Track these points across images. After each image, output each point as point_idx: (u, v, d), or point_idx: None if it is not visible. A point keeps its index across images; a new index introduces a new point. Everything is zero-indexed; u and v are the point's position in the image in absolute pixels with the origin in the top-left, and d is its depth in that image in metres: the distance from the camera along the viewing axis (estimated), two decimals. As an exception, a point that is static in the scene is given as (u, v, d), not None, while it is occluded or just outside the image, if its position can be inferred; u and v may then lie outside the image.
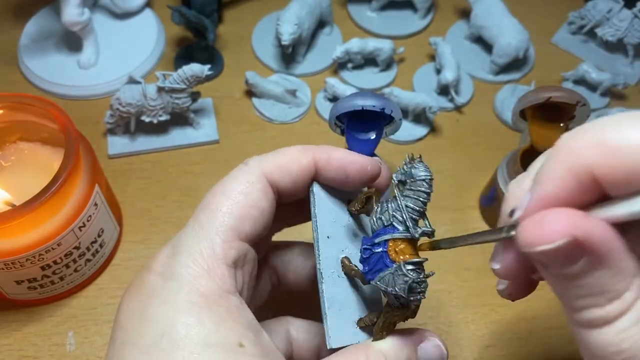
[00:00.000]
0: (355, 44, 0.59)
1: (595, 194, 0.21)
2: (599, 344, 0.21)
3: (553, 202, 0.21)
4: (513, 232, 0.23)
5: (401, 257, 0.27)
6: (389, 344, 0.29)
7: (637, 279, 0.21)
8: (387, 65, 0.61)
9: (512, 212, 0.23)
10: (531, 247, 0.21)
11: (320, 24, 0.64)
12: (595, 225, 0.20)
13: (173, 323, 0.25)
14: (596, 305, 0.21)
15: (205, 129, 0.56)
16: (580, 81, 0.61)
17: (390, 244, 0.28)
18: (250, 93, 0.59)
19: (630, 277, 0.20)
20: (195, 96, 0.54)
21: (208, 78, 0.53)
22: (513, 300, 0.28)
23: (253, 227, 0.29)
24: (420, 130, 0.57)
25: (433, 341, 0.30)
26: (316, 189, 0.31)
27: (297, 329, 0.35)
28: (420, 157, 0.29)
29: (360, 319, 0.31)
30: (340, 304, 0.30)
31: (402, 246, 0.28)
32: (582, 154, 0.20)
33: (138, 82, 0.52)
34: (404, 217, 0.28)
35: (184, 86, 0.51)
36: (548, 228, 0.20)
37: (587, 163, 0.20)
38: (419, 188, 0.28)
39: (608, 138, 0.19)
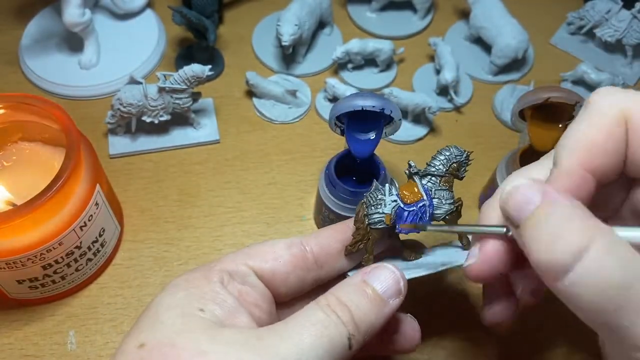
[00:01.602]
0: (355, 45, 0.59)
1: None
2: (575, 286, 0.23)
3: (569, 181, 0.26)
4: (510, 232, 0.27)
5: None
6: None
7: (590, 221, 0.24)
8: (387, 65, 0.62)
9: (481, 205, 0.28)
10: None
11: (321, 25, 0.64)
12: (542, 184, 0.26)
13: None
14: (559, 248, 0.24)
15: (205, 129, 0.56)
16: (579, 82, 0.61)
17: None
18: (251, 93, 0.59)
19: (585, 219, 0.25)
20: (196, 96, 0.54)
21: (209, 78, 0.53)
22: (500, 331, 0.30)
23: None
24: (420, 131, 0.58)
25: (386, 268, 0.32)
26: None
27: None
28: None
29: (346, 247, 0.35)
30: None
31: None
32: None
33: (139, 83, 0.52)
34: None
35: (185, 86, 0.51)
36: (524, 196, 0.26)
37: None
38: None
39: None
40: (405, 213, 0.35)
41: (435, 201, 0.36)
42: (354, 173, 0.48)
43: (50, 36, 0.61)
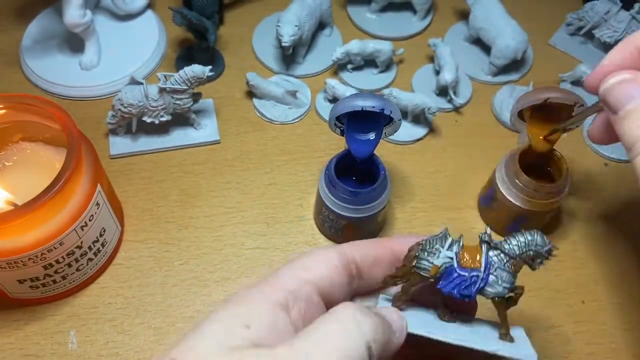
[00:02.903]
0: (355, 46, 0.59)
1: None
2: None
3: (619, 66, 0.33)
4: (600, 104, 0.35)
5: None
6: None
7: None
8: (387, 66, 0.62)
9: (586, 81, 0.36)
10: (614, 80, 0.33)
11: (320, 26, 0.64)
12: None
13: None
14: None
15: (206, 130, 0.56)
16: (578, 82, 0.61)
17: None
18: (251, 94, 0.59)
19: None
20: (196, 97, 0.54)
21: (209, 79, 0.53)
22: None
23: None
24: (420, 131, 0.58)
25: (395, 311, 0.32)
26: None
27: None
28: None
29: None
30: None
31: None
32: None
33: (140, 83, 0.52)
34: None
35: (185, 87, 0.52)
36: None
37: None
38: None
39: None
40: (455, 274, 0.32)
41: (491, 278, 0.33)
42: (354, 173, 0.49)
43: (51, 37, 0.61)
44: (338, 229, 0.49)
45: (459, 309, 0.35)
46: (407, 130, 0.57)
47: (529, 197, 0.47)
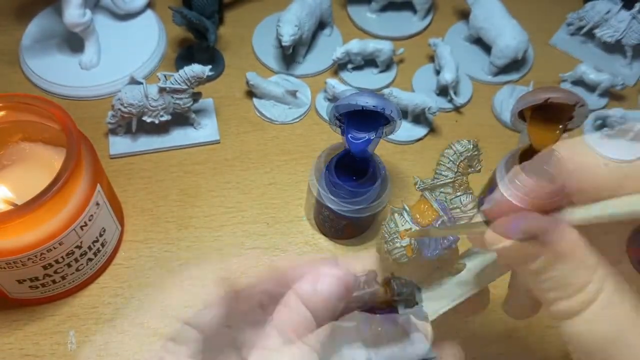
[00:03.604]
0: (355, 45, 0.59)
1: (563, 201, 0.24)
2: (572, 333, 0.23)
3: (524, 199, 0.24)
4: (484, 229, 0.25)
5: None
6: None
7: (598, 273, 0.22)
8: (387, 66, 0.62)
9: (481, 207, 0.26)
10: (494, 244, 0.23)
11: (321, 25, 0.64)
12: (551, 223, 0.22)
13: None
14: (563, 298, 0.23)
15: (206, 129, 0.56)
16: (579, 82, 0.61)
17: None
18: (251, 93, 0.59)
19: (591, 270, 0.22)
20: (196, 97, 0.54)
21: (209, 79, 0.53)
22: (517, 319, 0.30)
23: None
24: (420, 131, 0.58)
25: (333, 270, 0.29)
26: None
27: None
28: None
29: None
30: None
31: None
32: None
33: (139, 83, 0.52)
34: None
35: (185, 87, 0.52)
36: (507, 228, 0.23)
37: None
38: None
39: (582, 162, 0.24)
40: (426, 238, 0.31)
41: (456, 212, 0.32)
42: (354, 173, 0.48)
43: (51, 36, 0.61)
44: (338, 229, 0.49)
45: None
46: (408, 130, 0.57)
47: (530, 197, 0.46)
